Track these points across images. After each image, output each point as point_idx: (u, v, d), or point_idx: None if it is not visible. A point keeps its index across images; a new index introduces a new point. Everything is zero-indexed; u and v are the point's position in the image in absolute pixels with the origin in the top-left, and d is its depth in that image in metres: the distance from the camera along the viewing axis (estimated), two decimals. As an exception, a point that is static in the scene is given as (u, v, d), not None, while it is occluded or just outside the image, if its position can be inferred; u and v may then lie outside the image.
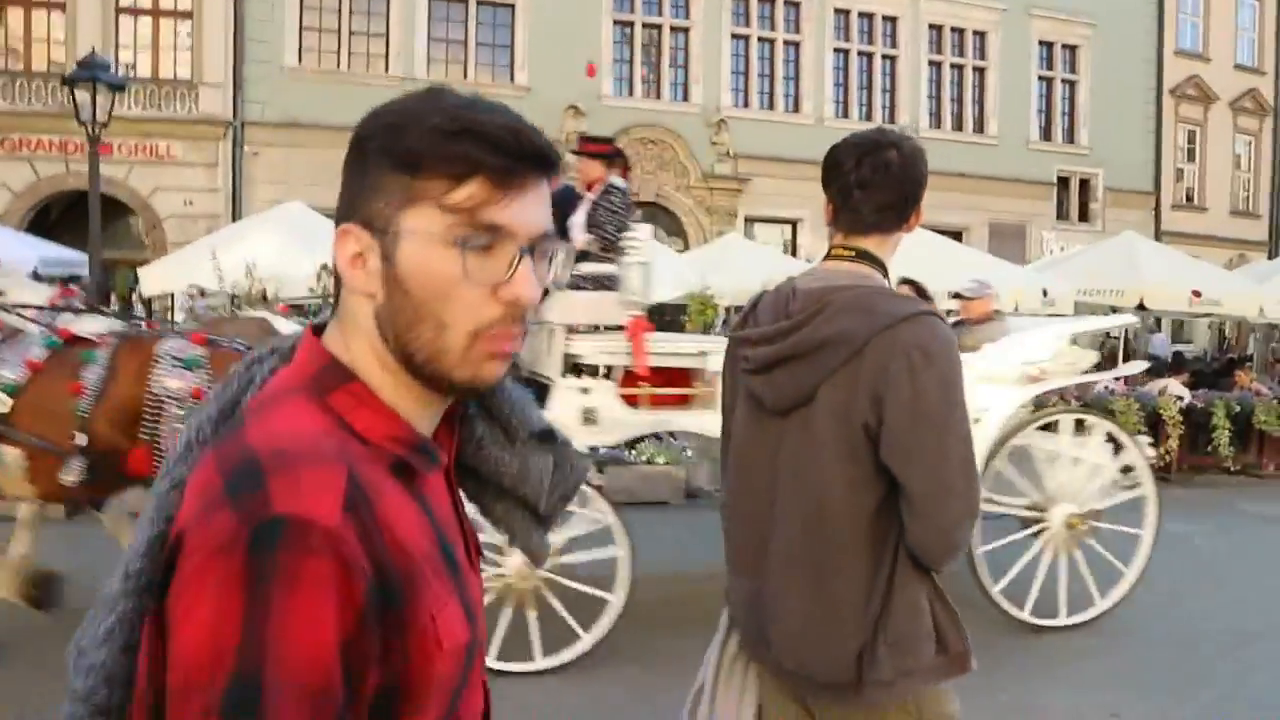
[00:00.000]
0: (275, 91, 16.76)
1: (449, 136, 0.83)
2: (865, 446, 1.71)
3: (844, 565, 1.74)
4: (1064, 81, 23.05)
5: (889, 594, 1.73)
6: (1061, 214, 22.84)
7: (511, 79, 18.10)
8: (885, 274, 1.89)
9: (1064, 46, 22.97)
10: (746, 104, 19.63)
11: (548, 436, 1.04)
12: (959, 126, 21.99)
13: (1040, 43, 22.68)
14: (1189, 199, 24.89)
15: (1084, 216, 23.16)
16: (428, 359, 0.85)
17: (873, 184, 1.82)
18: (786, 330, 1.80)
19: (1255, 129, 26.07)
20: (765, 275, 5.94)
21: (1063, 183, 22.97)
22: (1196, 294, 10.19)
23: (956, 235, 21.83)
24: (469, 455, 1.01)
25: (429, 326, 0.84)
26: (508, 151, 0.84)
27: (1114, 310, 11.37)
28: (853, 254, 1.86)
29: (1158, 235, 23.90)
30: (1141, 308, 10.63)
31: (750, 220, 19.12)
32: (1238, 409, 10.70)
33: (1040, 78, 22.80)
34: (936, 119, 21.72)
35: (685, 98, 19.16)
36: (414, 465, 0.87)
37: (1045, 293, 9.93)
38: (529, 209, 0.87)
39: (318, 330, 0.93)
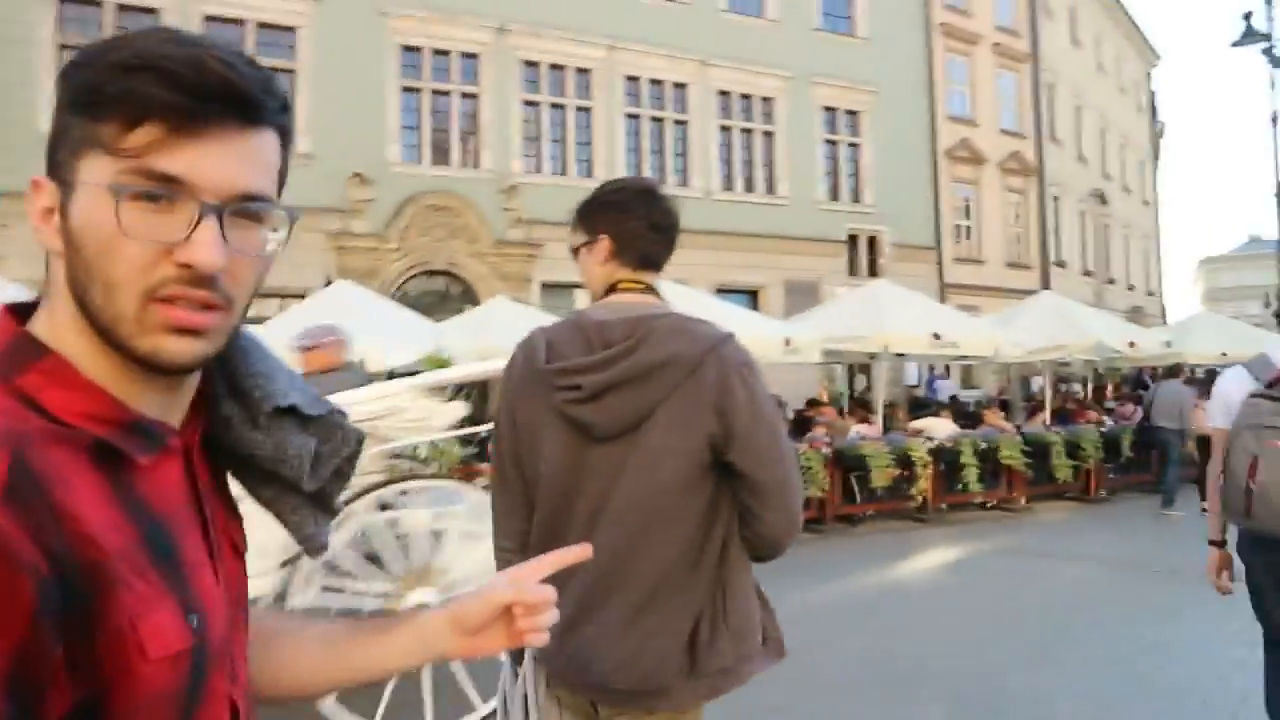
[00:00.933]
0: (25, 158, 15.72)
1: (125, 72, 0.73)
2: (706, 455, 1.85)
3: (681, 568, 1.86)
4: (849, 144, 24.31)
5: (726, 587, 1.88)
6: (853, 270, 23.86)
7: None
8: None
9: (846, 111, 24.27)
10: (539, 169, 19.78)
11: (296, 410, 0.93)
12: (750, 188, 22.79)
13: (824, 108, 23.88)
14: (968, 253, 26.55)
15: (873, 272, 24.30)
16: (106, 325, 0.76)
17: (665, 226, 2.05)
18: (616, 357, 1.89)
19: (1022, 187, 28.20)
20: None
21: (852, 240, 24.09)
22: (936, 336, 10.72)
23: (753, 294, 22.64)
24: (223, 438, 0.91)
25: (99, 288, 0.75)
26: (186, 88, 0.73)
27: (872, 357, 11.86)
28: (642, 287, 2.03)
29: (941, 287, 25.39)
30: (883, 353, 11.12)
31: (547, 286, 19.10)
32: (984, 446, 11.26)
33: (826, 141, 23.95)
34: (729, 181, 22.46)
35: (476, 164, 19.12)
36: (121, 448, 0.76)
37: (788, 342, 10.21)
38: (217, 160, 0.76)
39: (21, 307, 0.81)
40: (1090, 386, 22.59)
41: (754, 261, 22.21)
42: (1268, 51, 17.29)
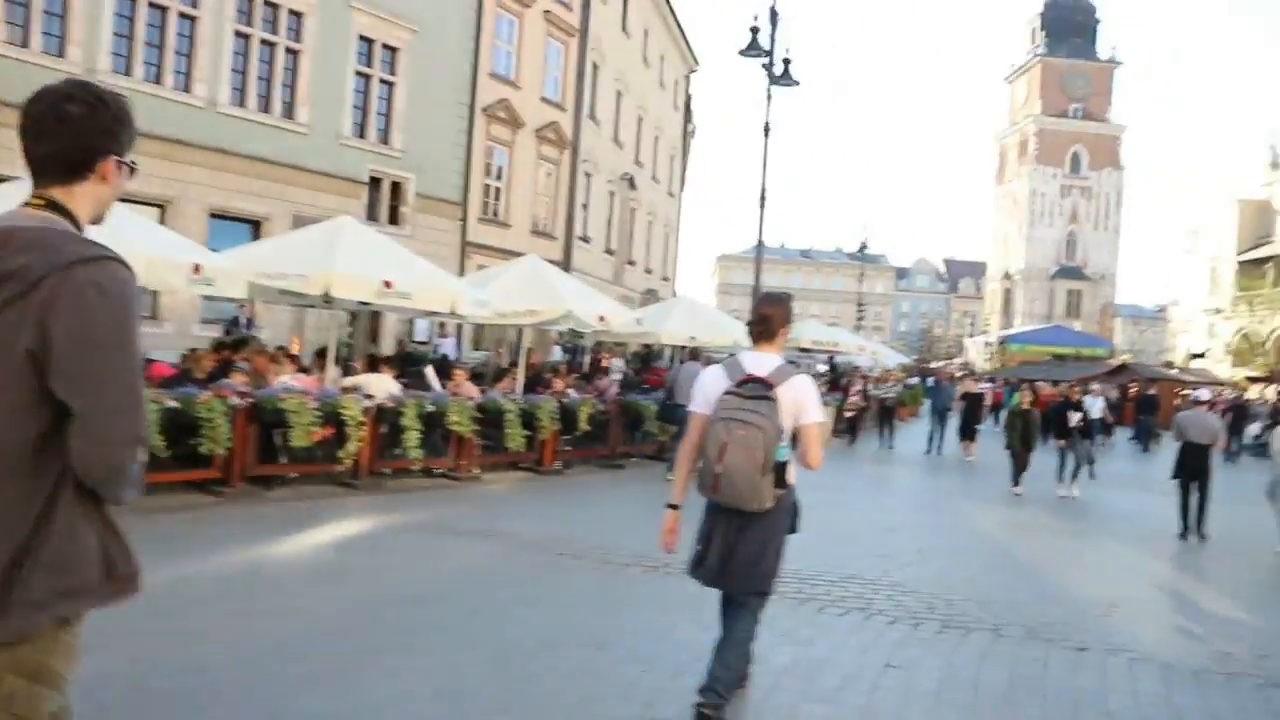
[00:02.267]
0: None
1: None
2: (29, 374, 1.78)
3: (4, 496, 1.79)
4: (382, 81, 22.94)
5: (48, 517, 1.81)
6: (373, 215, 22.62)
7: None
8: (77, 224, 1.94)
9: (385, 46, 22.85)
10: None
11: None
12: (266, 108, 20.57)
13: (361, 37, 22.26)
14: (495, 215, 26.51)
15: (394, 219, 23.28)
16: None
17: (43, 134, 1.92)
18: None
19: (556, 158, 28.80)
20: None
21: (375, 183, 22.84)
22: (388, 284, 9.96)
23: (255, 223, 20.55)
24: None
25: None
26: None
27: (328, 302, 10.80)
28: (43, 203, 1.92)
29: (463, 245, 25.07)
30: (328, 297, 10.14)
31: None
32: (431, 409, 10.71)
33: (358, 73, 22.38)
34: (241, 96, 20.07)
35: None
36: None
37: (197, 269, 8.81)
38: None
39: None
40: (589, 359, 23.64)
41: (259, 189, 20.14)
42: (766, 66, 18.83)
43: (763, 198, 18.62)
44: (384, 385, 10.49)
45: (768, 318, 4.20)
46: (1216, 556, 10.48)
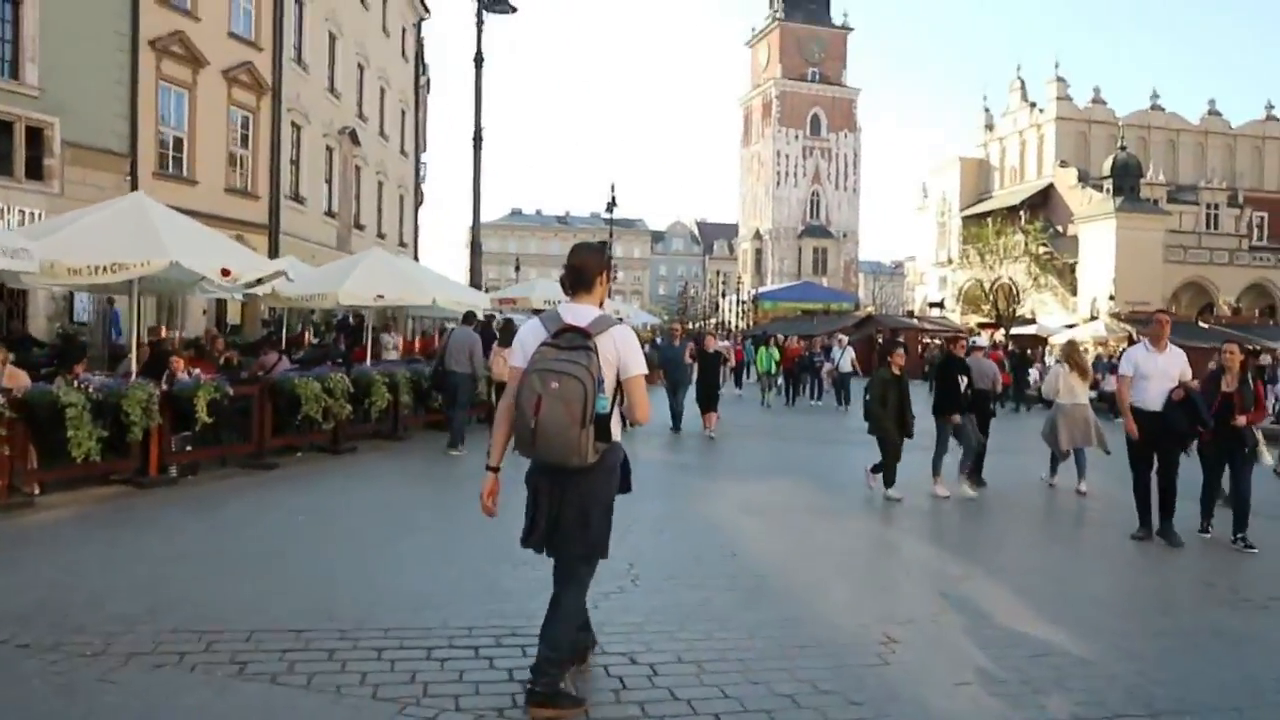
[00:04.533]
0: None
1: None
2: None
3: None
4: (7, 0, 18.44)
5: None
6: (1, 168, 18.24)
7: None
8: None
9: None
10: None
11: None
12: None
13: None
14: (176, 168, 22.45)
15: (35, 173, 18.93)
16: None
17: None
18: None
19: (253, 105, 24.91)
20: None
21: (3, 128, 18.40)
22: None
23: None
24: None
25: None
26: None
27: None
28: None
29: (134, 205, 20.96)
30: None
31: None
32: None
33: (-31, -12, 17.83)
34: None
35: None
36: None
37: None
38: None
39: None
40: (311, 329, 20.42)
41: None
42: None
43: (477, 138, 16.10)
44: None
45: (581, 267, 4.05)
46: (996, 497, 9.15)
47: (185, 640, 4.62)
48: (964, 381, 10.45)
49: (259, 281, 11.04)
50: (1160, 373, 8.15)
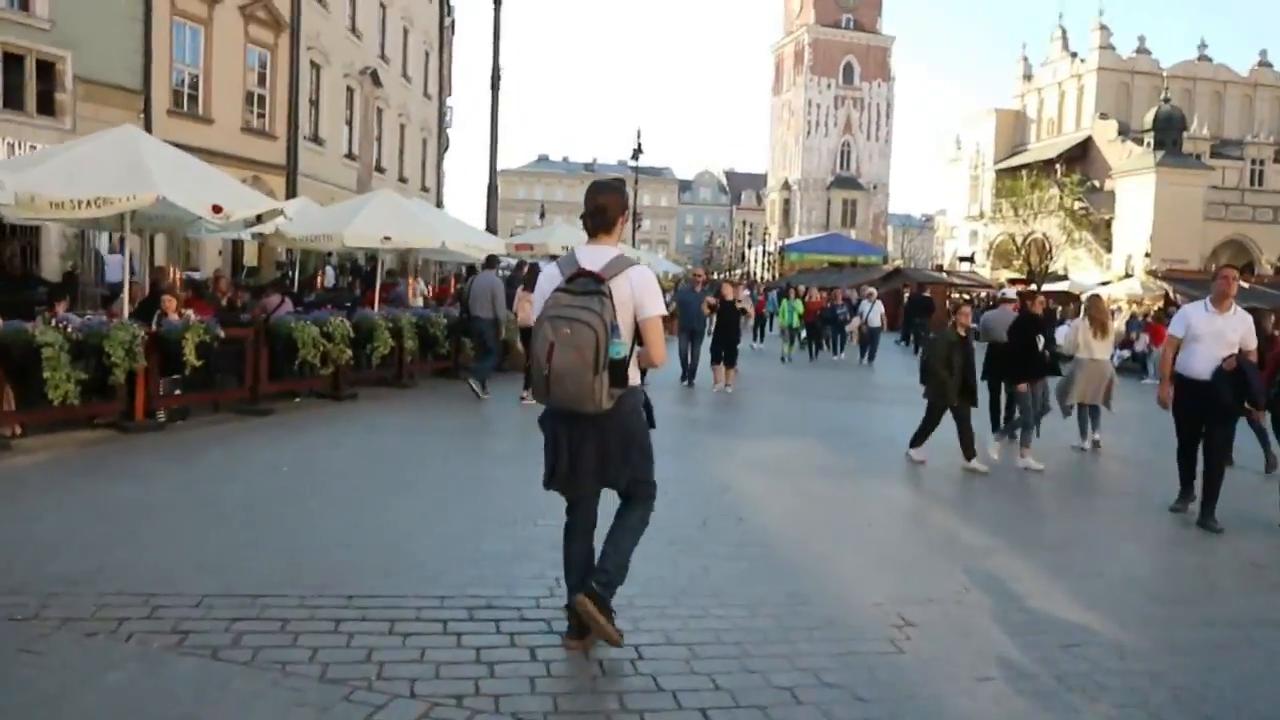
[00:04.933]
0: None
1: None
2: None
3: None
4: (13, -71, 17.90)
5: None
6: (12, 102, 17.83)
7: None
8: None
9: (15, -115, 17.78)
10: None
11: None
12: None
13: None
14: (191, 109, 21.97)
15: (47, 109, 18.52)
16: None
17: None
18: None
19: (271, 43, 24.32)
20: None
21: (13, 61, 17.95)
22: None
23: None
24: None
25: None
26: None
27: None
28: None
29: (147, 143, 20.53)
30: None
31: None
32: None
33: (-25, -84, 17.29)
34: None
35: None
36: None
37: None
38: None
39: None
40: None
41: None
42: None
43: (495, 78, 15.47)
44: None
45: (604, 207, 3.94)
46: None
47: (129, 604, 4.23)
48: (1041, 341, 9.64)
49: (259, 219, 10.55)
50: (1215, 335, 7.18)
